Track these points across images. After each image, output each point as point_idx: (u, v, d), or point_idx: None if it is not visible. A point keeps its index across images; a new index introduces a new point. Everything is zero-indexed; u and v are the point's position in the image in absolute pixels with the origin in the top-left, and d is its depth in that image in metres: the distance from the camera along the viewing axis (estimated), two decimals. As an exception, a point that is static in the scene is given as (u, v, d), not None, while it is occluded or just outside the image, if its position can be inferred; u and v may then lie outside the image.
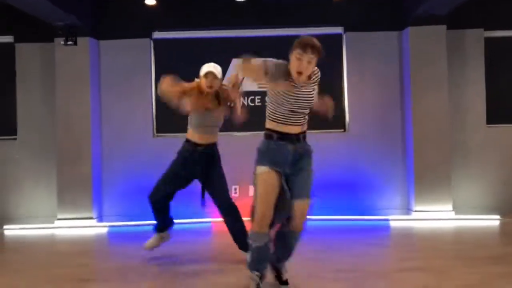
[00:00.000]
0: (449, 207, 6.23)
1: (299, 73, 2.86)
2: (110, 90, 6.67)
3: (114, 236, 5.86)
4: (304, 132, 3.02)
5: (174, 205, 4.33)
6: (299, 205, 2.92)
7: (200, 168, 3.92)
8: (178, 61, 6.51)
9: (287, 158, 2.93)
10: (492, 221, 6.02)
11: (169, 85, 3.79)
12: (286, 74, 2.90)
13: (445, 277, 3.46)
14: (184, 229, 5.86)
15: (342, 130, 6.70)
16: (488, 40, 6.67)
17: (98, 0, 6.62)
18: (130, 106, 6.67)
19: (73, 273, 3.90)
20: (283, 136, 2.93)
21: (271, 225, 3.00)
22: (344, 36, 6.69)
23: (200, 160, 3.90)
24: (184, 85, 3.87)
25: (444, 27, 6.31)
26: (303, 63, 2.84)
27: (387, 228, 5.83)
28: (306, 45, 2.85)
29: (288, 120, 2.95)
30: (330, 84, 6.10)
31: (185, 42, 6.76)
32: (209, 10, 6.67)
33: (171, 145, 6.58)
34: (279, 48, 6.65)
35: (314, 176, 3.03)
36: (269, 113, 3.01)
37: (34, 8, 5.69)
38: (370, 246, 4.72)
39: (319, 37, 7.20)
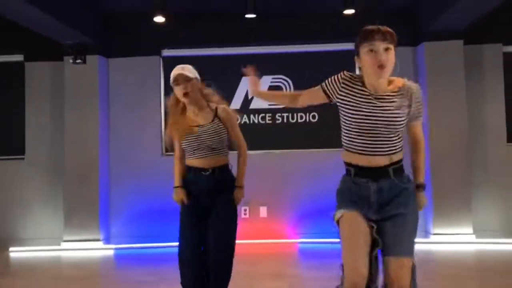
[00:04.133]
0: (469, 230, 5.95)
1: (381, 66, 2.15)
2: (119, 108, 6.59)
3: (120, 258, 5.69)
4: (395, 163, 2.22)
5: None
6: (392, 264, 2.12)
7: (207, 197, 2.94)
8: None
9: (370, 200, 2.20)
10: (515, 245, 5.73)
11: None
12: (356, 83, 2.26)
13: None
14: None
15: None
16: (507, 55, 6.45)
17: (107, 18, 6.58)
18: (139, 125, 6.57)
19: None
20: (363, 172, 2.22)
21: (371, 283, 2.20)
22: (357, 52, 6.53)
23: (206, 186, 2.92)
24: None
25: (461, 42, 6.12)
26: (379, 53, 2.16)
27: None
28: (372, 34, 2.22)
29: (366, 149, 2.20)
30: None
31: (195, 59, 6.62)
32: (218, 28, 6.58)
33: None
34: (290, 65, 6.68)
35: (409, 220, 2.18)
36: (343, 141, 2.31)
37: (44, 27, 5.66)
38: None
39: (331, 53, 7.11)
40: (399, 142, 2.24)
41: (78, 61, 6.17)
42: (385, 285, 2.19)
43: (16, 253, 6.02)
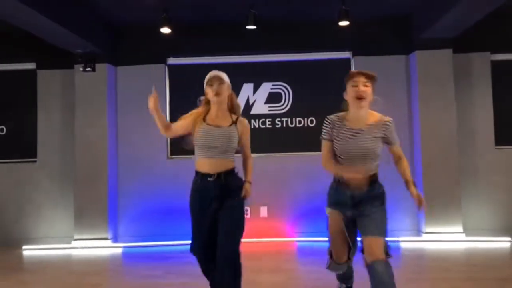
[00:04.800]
0: (460, 229, 6.25)
1: (359, 98, 2.86)
2: (126, 114, 6.92)
3: (128, 256, 6.00)
4: (373, 176, 2.98)
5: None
6: (365, 239, 2.92)
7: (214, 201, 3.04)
8: (192, 86, 6.71)
9: (348, 202, 2.96)
10: (503, 243, 6.02)
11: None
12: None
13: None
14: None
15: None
16: (494, 63, 6.78)
17: (116, 29, 6.93)
18: (146, 130, 6.87)
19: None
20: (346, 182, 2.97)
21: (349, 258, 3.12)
22: (352, 61, 6.87)
23: (212, 192, 3.02)
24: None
25: (450, 50, 6.45)
26: (360, 87, 2.87)
27: (397, 249, 5.87)
28: (354, 74, 2.95)
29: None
30: (339, 108, 6.24)
31: (198, 67, 6.99)
32: (221, 37, 6.92)
33: (184, 167, 6.84)
34: (289, 73, 7.01)
35: (379, 214, 2.96)
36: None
37: (55, 37, 5.99)
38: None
39: (328, 61, 7.43)
40: (376, 163, 2.98)
41: (88, 69, 6.49)
42: (367, 262, 2.89)
43: (29, 251, 6.33)
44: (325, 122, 3.03)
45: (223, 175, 3.02)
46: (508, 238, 6.10)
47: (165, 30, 6.12)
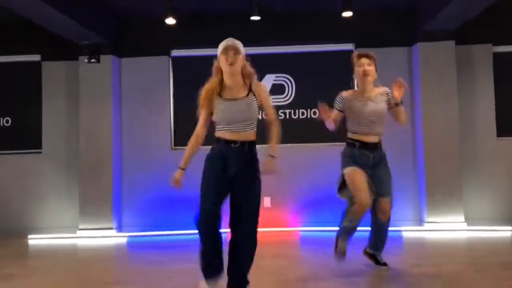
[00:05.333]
0: (461, 218, 6.30)
1: (365, 75, 3.69)
2: (130, 105, 6.97)
3: (132, 245, 6.06)
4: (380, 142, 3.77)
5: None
6: (380, 202, 3.70)
7: (233, 168, 2.94)
8: (195, 78, 6.72)
9: (368, 162, 3.71)
10: (504, 232, 6.07)
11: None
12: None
13: (457, 282, 3.54)
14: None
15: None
16: (496, 55, 6.82)
17: (121, 20, 6.98)
18: (150, 120, 6.95)
19: (96, 276, 4.09)
20: (365, 145, 3.72)
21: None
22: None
23: (234, 158, 2.94)
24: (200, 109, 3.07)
25: (452, 42, 6.50)
26: (365, 67, 3.69)
27: (399, 238, 5.92)
28: (359, 56, 3.74)
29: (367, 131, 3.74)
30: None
31: (202, 59, 7.03)
32: (224, 29, 6.88)
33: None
34: (293, 64, 7.05)
35: (388, 174, 3.77)
36: (349, 128, 3.84)
37: (60, 27, 6.04)
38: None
39: (331, 53, 7.47)
40: (383, 127, 3.75)
41: (93, 60, 6.56)
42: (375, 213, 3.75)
43: (35, 240, 6.39)
44: (338, 97, 3.80)
45: (247, 144, 2.97)
46: (510, 228, 6.14)
47: (170, 20, 6.16)
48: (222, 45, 3.02)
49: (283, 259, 4.70)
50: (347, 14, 6.04)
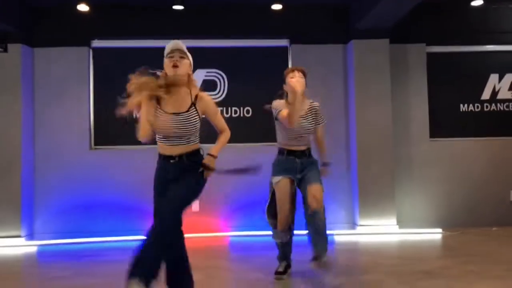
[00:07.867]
0: (393, 221, 6.19)
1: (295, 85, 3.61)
2: (44, 100, 6.33)
3: (42, 255, 5.46)
4: (309, 149, 3.89)
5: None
6: (309, 188, 3.62)
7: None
8: (119, 71, 6.23)
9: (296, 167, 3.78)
10: (434, 235, 6.02)
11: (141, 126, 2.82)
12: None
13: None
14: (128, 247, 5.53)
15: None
16: (430, 55, 6.77)
17: (34, 7, 6.30)
18: (66, 117, 6.34)
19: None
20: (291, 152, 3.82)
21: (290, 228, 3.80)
22: (290, 49, 6.63)
23: (175, 171, 2.87)
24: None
25: (387, 40, 6.35)
26: (295, 78, 3.69)
27: (331, 243, 5.69)
28: (293, 70, 3.79)
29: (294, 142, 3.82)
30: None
31: (126, 51, 6.53)
32: (149, 18, 6.47)
33: (109, 158, 6.38)
34: (224, 59, 6.66)
35: (316, 172, 3.83)
36: (278, 138, 3.93)
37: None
38: (306, 263, 4.55)
39: (265, 49, 7.15)
40: (310, 138, 3.88)
41: (-1, 49, 5.88)
42: (308, 208, 3.61)
43: None
44: (273, 105, 3.81)
45: (185, 156, 2.87)
46: (439, 230, 6.11)
47: (83, 7, 5.59)
48: (167, 48, 2.92)
49: (198, 272, 4.30)
50: (277, 7, 5.73)
